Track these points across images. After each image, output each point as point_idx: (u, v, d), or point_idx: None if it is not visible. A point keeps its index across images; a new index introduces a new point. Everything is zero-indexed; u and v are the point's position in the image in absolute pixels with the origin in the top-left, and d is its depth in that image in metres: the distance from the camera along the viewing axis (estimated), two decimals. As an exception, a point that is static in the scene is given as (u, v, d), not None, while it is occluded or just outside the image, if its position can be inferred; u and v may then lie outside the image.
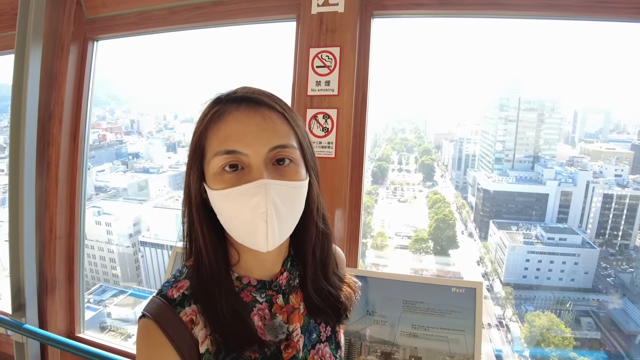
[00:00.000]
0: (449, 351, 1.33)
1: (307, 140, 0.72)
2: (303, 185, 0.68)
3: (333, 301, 0.77)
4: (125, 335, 9.97)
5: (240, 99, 0.66)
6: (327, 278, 0.79)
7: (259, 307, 0.72)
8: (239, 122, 0.64)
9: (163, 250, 17.77)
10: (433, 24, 69.67)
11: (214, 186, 0.65)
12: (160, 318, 0.64)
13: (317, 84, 1.57)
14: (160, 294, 0.68)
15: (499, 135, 23.02)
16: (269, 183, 0.62)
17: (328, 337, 0.79)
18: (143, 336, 0.64)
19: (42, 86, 1.91)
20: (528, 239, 18.13)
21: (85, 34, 2.02)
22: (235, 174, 0.64)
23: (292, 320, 0.73)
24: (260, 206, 0.61)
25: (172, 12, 1.89)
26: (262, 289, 0.73)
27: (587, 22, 1.62)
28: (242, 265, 0.73)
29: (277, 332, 0.70)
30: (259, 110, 0.65)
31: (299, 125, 0.70)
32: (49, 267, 2.04)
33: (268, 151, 0.63)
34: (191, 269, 0.71)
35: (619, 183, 18.70)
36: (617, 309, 15.81)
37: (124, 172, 22.11)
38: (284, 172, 0.65)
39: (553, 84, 45.11)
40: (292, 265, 0.78)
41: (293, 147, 0.66)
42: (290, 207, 0.66)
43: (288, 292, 0.76)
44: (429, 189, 25.59)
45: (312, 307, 0.76)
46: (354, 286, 0.84)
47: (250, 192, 0.62)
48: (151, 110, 28.77)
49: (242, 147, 0.62)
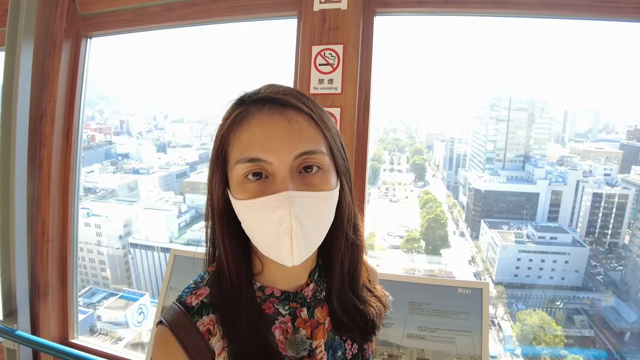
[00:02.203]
0: (456, 353, 1.31)
1: (339, 144, 0.66)
2: (332, 195, 0.63)
3: (359, 318, 0.73)
4: (116, 338, 9.86)
5: (264, 100, 0.61)
6: (354, 291, 0.74)
7: (282, 320, 0.68)
8: (262, 127, 0.59)
9: (153, 252, 17.66)
10: (425, 25, 70.15)
11: (238, 195, 0.61)
12: (177, 327, 0.62)
13: (319, 82, 1.54)
14: (179, 301, 0.66)
15: (490, 135, 23.23)
16: (293, 196, 0.57)
17: (354, 355, 0.75)
18: (158, 344, 0.63)
19: (33, 84, 1.85)
20: (519, 238, 18.32)
21: (78, 31, 1.97)
22: (259, 183, 0.59)
23: (316, 336, 0.69)
24: (284, 220, 0.57)
25: (168, 8, 1.84)
26: (286, 301, 0.69)
27: (577, 23, 1.61)
28: (266, 275, 0.69)
29: (299, 348, 0.66)
30: (285, 113, 0.60)
31: (329, 128, 0.64)
32: (42, 271, 1.98)
33: (294, 159, 0.58)
34: (212, 275, 0.68)
35: (608, 182, 18.98)
36: (607, 306, 16.02)
37: (113, 173, 21.92)
38: (311, 180, 0.60)
39: (543, 84, 45.67)
40: (319, 277, 0.73)
41: (322, 152, 0.61)
42: (317, 219, 0.61)
43: (313, 306, 0.71)
44: (421, 189, 25.75)
45: (337, 322, 0.72)
46: (385, 301, 0.79)
47: (274, 204, 0.57)
48: (141, 110, 28.60)
49: (266, 155, 0.58)
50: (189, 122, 27.08)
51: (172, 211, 19.16)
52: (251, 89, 0.65)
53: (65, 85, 1.96)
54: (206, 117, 27.36)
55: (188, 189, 21.16)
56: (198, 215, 20.14)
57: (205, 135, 26.04)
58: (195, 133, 26.34)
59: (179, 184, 21.91)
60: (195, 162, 23.52)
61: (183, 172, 22.42)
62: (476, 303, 1.34)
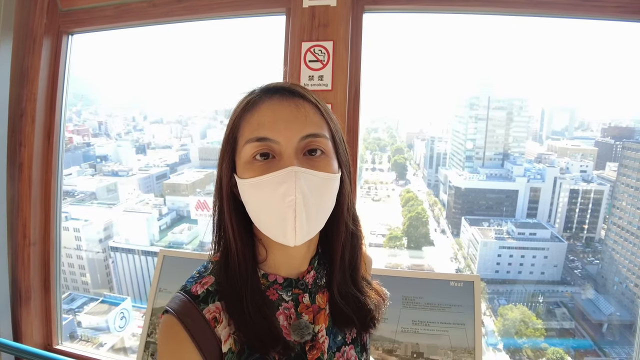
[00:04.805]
0: (450, 346, 1.33)
1: (340, 135, 0.69)
2: (334, 179, 0.65)
3: (360, 307, 0.74)
4: (97, 344, 9.66)
5: (274, 90, 0.66)
6: (355, 283, 0.76)
7: (285, 306, 0.69)
8: (272, 110, 0.63)
9: (134, 255, 17.35)
10: (404, 25, 70.78)
11: (244, 175, 0.63)
12: (183, 315, 0.63)
13: (310, 78, 1.54)
14: (184, 290, 0.67)
15: (469, 134, 23.63)
16: (299, 171, 0.59)
17: (354, 339, 0.76)
18: (164, 332, 0.64)
19: (12, 82, 1.79)
20: (499, 234, 18.68)
21: (59, 27, 1.91)
22: (266, 162, 0.62)
23: (317, 321, 0.71)
24: (289, 194, 0.59)
25: (153, 4, 1.80)
26: (289, 287, 0.71)
27: (555, 23, 1.65)
28: (270, 262, 0.70)
29: (303, 332, 0.68)
30: (293, 99, 0.64)
31: (332, 119, 0.68)
32: (23, 275, 1.92)
33: (300, 140, 0.61)
34: (217, 264, 0.69)
35: (584, 178, 19.55)
36: (584, 299, 16.48)
37: (92, 175, 21.48)
38: (315, 162, 0.63)
39: (521, 83, 46.69)
40: (319, 264, 0.75)
41: (325, 137, 0.64)
42: (319, 199, 0.63)
43: (314, 292, 0.73)
44: (402, 188, 26.00)
45: (337, 312, 0.73)
46: (383, 294, 0.81)
47: (279, 179, 0.59)
48: (119, 111, 28.08)
49: (274, 135, 0.61)
50: (168, 123, 26.76)
51: (152, 213, 18.92)
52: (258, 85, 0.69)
53: (45, 83, 1.90)
54: (186, 118, 27.07)
55: (168, 191, 20.90)
56: (179, 217, 19.92)
57: (185, 136, 25.76)
58: (175, 134, 26.03)
59: (159, 186, 21.62)
60: (175, 164, 23.27)
61: (163, 174, 22.14)
62: (468, 296, 1.36)
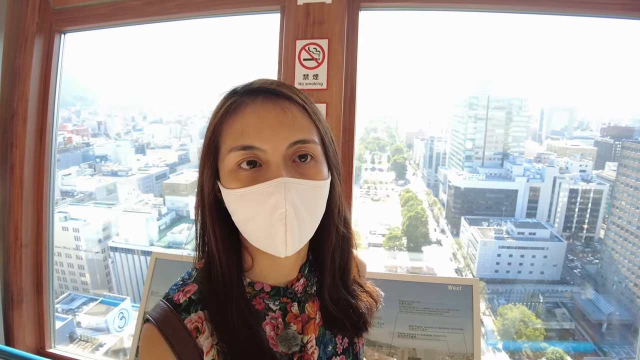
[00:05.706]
0: (448, 351, 1.30)
1: (329, 137, 0.66)
2: (324, 185, 0.62)
3: (351, 312, 0.72)
4: (97, 344, 9.62)
5: (257, 91, 0.61)
6: (346, 286, 0.74)
7: (272, 316, 0.67)
8: (257, 115, 0.59)
9: (134, 255, 17.36)
10: (403, 24, 70.75)
11: (229, 185, 0.60)
12: (163, 324, 0.61)
13: (304, 77, 1.51)
14: (167, 298, 0.65)
15: (468, 134, 23.63)
16: (288, 182, 0.56)
17: (345, 349, 0.74)
18: (145, 342, 0.62)
19: (3, 81, 1.77)
20: (499, 234, 18.68)
21: (51, 26, 1.88)
22: (252, 171, 0.59)
23: (307, 331, 0.68)
24: (279, 207, 0.56)
25: (147, 2, 1.78)
26: (276, 296, 0.68)
27: (553, 22, 1.62)
28: (256, 270, 0.68)
29: (291, 343, 0.65)
30: (278, 102, 0.60)
31: (321, 120, 0.64)
32: (15, 278, 1.89)
33: (288, 147, 0.58)
34: (201, 272, 0.66)
35: (584, 178, 19.55)
36: (584, 299, 16.47)
37: (91, 175, 21.44)
38: (304, 170, 0.60)
39: (521, 82, 46.70)
40: (309, 272, 0.72)
41: (315, 142, 0.61)
42: (310, 208, 0.60)
43: (304, 300, 0.70)
44: (402, 187, 25.99)
45: (329, 317, 0.71)
46: (376, 296, 0.79)
47: (268, 191, 0.56)
48: (119, 111, 28.05)
49: (260, 143, 0.57)
50: (167, 123, 26.74)
51: (152, 213, 18.89)
52: (242, 83, 0.64)
53: (37, 83, 1.88)
54: (185, 117, 27.05)
55: (168, 191, 20.86)
56: (178, 217, 19.89)
57: (184, 136, 25.73)
58: (174, 134, 26.00)
59: (158, 185, 21.59)
60: (175, 164, 23.23)
61: (162, 174, 22.11)
62: (466, 300, 1.33)
